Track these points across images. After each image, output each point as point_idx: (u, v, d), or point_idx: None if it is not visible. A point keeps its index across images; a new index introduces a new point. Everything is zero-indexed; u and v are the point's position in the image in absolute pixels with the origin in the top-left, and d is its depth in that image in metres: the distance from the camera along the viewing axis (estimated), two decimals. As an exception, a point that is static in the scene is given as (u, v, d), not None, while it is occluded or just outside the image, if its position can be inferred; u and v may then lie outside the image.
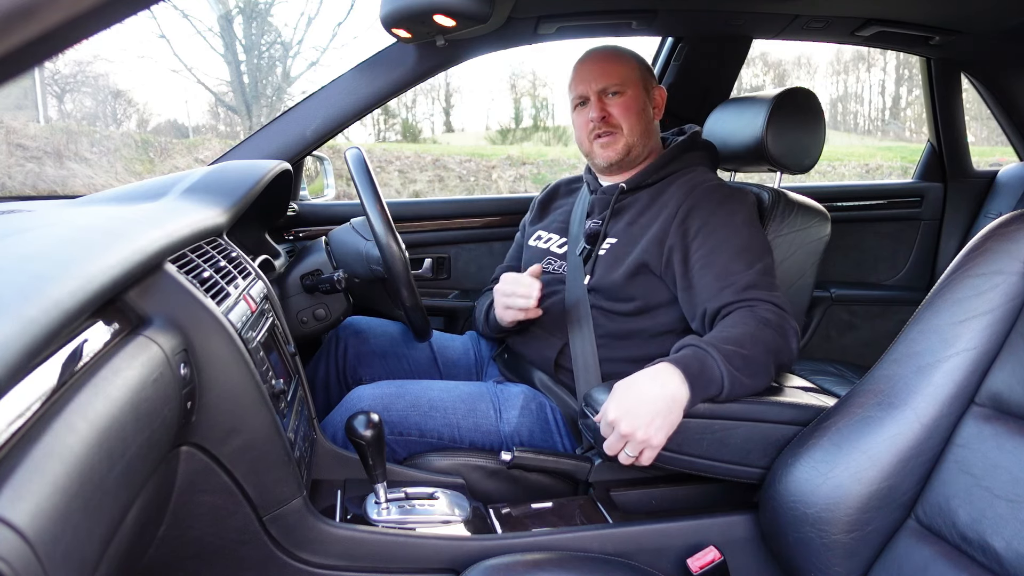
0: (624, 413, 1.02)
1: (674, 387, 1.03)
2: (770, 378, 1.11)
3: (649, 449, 1.03)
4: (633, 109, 1.37)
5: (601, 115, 1.37)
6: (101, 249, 0.66)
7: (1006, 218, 0.92)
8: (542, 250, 1.49)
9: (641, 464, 1.06)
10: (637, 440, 1.02)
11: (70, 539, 0.49)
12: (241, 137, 4.34)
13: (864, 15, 1.75)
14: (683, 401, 1.03)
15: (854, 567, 0.89)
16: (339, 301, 1.43)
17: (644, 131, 1.39)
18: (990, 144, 10.68)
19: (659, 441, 1.02)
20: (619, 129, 1.37)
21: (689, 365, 1.05)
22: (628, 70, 1.38)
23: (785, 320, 1.15)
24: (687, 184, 1.34)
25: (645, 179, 1.39)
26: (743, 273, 1.19)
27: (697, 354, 1.07)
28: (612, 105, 1.37)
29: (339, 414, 1.29)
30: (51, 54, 0.30)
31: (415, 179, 10.15)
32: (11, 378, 0.45)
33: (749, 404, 1.07)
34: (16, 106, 10.22)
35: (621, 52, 1.42)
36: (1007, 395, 0.83)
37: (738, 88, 2.12)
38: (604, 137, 1.38)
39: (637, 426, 1.01)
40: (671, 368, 1.05)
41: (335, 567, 1.00)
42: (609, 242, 1.36)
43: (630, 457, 1.04)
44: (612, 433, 1.04)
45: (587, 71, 1.39)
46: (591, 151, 1.41)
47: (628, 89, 1.37)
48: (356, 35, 14.14)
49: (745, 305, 1.16)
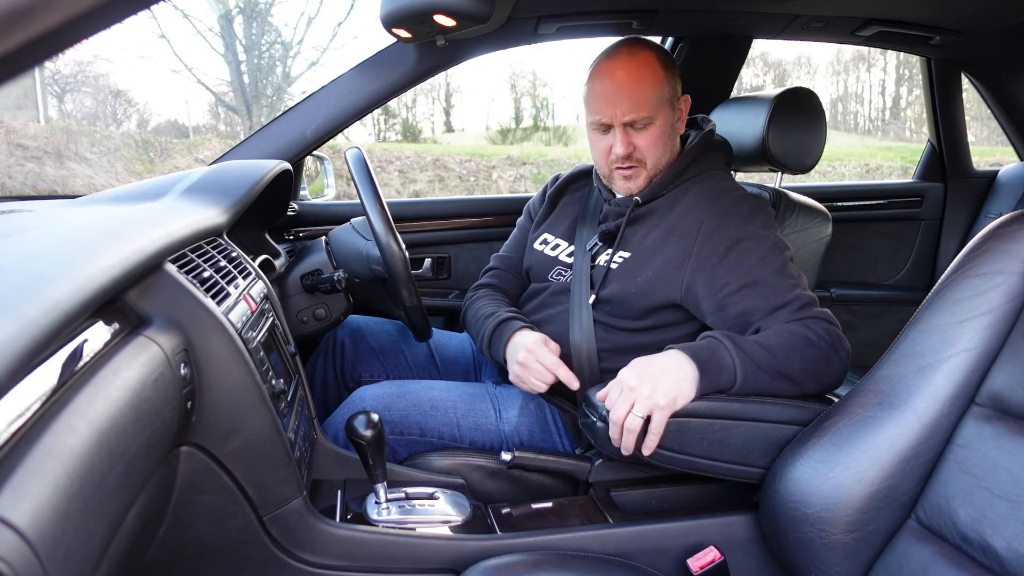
0: (635, 374, 1.05)
1: (686, 367, 1.05)
2: (804, 391, 1.09)
3: (658, 411, 1.02)
4: (660, 140, 1.26)
5: (627, 151, 1.25)
6: (101, 249, 0.66)
7: (1006, 218, 0.92)
8: (549, 258, 1.42)
9: (644, 452, 1.05)
10: (643, 395, 1.02)
11: (70, 539, 0.49)
12: (241, 137, 4.34)
13: (864, 15, 1.75)
14: (693, 379, 1.04)
15: (854, 567, 0.89)
16: (339, 301, 1.43)
17: (666, 154, 1.29)
18: (990, 144, 10.69)
19: (664, 401, 1.02)
20: (643, 164, 1.27)
21: (699, 352, 1.06)
22: (657, 91, 1.24)
23: (838, 340, 1.10)
24: (705, 195, 1.26)
25: (660, 190, 1.30)
26: (792, 291, 1.14)
27: (710, 344, 1.08)
28: (638, 137, 1.25)
29: (341, 414, 1.29)
30: (51, 54, 0.30)
31: (415, 179, 10.16)
32: (11, 378, 0.45)
33: (749, 404, 1.07)
34: (16, 106, 10.22)
35: (652, 68, 1.24)
36: (1007, 395, 0.83)
37: (738, 88, 2.12)
38: (627, 170, 1.28)
39: (644, 380, 1.03)
40: (681, 353, 1.07)
41: (335, 567, 1.00)
42: (622, 255, 1.29)
43: (638, 420, 1.02)
44: (622, 395, 1.04)
45: (615, 95, 1.23)
46: (610, 178, 1.32)
47: (658, 118, 1.25)
48: (356, 35, 14.17)
49: (799, 321, 1.12)
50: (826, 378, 1.10)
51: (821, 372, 1.09)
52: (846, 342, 1.12)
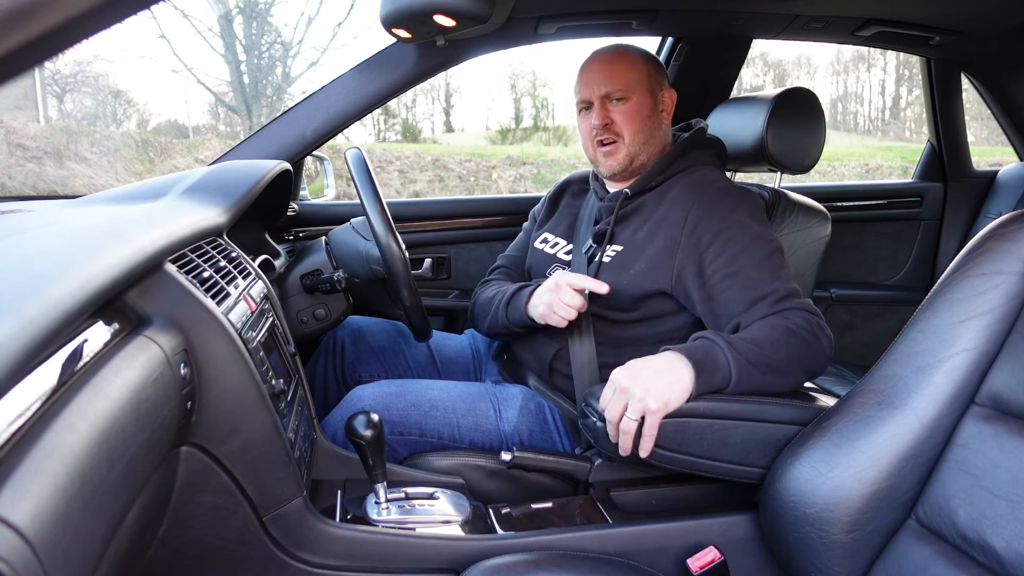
0: (627, 375, 1.05)
1: (681, 369, 1.05)
2: (795, 381, 1.11)
3: (650, 415, 1.02)
4: (636, 116, 1.32)
5: (603, 122, 1.32)
6: (101, 249, 0.66)
7: (1006, 218, 0.92)
8: (548, 255, 1.46)
9: (641, 455, 1.05)
10: (636, 397, 1.02)
11: (70, 539, 0.49)
12: (241, 137, 4.34)
13: (864, 15, 1.75)
14: (687, 382, 1.05)
15: (854, 567, 0.89)
16: (339, 301, 1.43)
17: (647, 139, 1.34)
18: (990, 144, 10.68)
19: (655, 405, 1.02)
20: (620, 138, 1.33)
21: (694, 352, 1.07)
22: (634, 73, 1.33)
23: (819, 328, 1.13)
24: (692, 186, 1.30)
25: (648, 182, 1.34)
26: (771, 283, 1.16)
27: (704, 344, 1.09)
28: (615, 111, 1.32)
29: (340, 413, 1.29)
30: (51, 54, 0.30)
31: (415, 179, 10.16)
32: (11, 378, 0.45)
33: (749, 404, 1.07)
34: (16, 106, 10.22)
35: (629, 53, 1.36)
36: (1007, 395, 0.83)
37: (738, 88, 2.12)
38: (606, 145, 1.34)
39: (637, 382, 1.03)
40: (676, 354, 1.07)
41: (335, 567, 1.00)
42: (615, 249, 1.32)
43: (632, 423, 1.03)
44: (615, 396, 1.05)
45: (592, 74, 1.34)
46: (595, 158, 1.38)
47: (633, 95, 1.32)
48: (356, 35, 14.16)
49: (777, 313, 1.14)
50: (812, 365, 1.12)
51: (806, 359, 1.11)
52: (827, 329, 1.14)
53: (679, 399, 1.04)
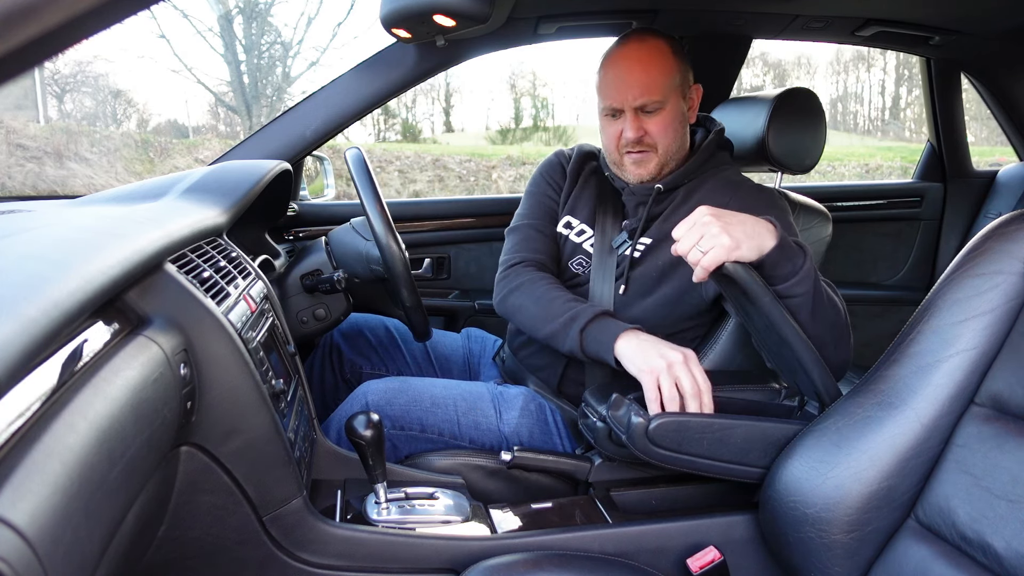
0: (713, 211, 1.01)
1: (766, 234, 1.02)
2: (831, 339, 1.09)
3: (720, 249, 0.97)
4: (671, 125, 1.27)
5: (638, 135, 1.26)
6: (101, 249, 0.66)
7: (1006, 218, 0.92)
8: (574, 244, 1.39)
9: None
10: (712, 233, 0.98)
11: (70, 539, 0.49)
12: (241, 137, 4.34)
13: (864, 15, 1.75)
14: (765, 244, 1.01)
15: (854, 567, 0.89)
16: (339, 301, 1.43)
17: (680, 145, 1.31)
18: (990, 144, 10.69)
19: (729, 242, 0.97)
20: (654, 149, 1.28)
21: (783, 235, 1.04)
22: (669, 78, 1.25)
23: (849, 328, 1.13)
24: (725, 185, 1.29)
25: (681, 180, 1.31)
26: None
27: (792, 241, 1.06)
28: (649, 122, 1.26)
29: (345, 409, 1.29)
30: (51, 54, 0.30)
31: (415, 179, 10.16)
32: (11, 378, 0.45)
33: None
34: (16, 106, 10.23)
35: (662, 52, 1.26)
36: (1007, 395, 0.83)
37: (738, 88, 2.12)
38: (637, 155, 1.29)
39: (719, 218, 0.99)
40: (768, 222, 1.04)
41: (335, 567, 1.00)
42: (643, 242, 1.30)
43: (700, 254, 0.99)
44: (692, 228, 1.00)
45: (625, 80, 1.25)
46: (620, 164, 1.32)
47: (668, 103, 1.26)
48: (356, 35, 14.17)
49: None
50: (842, 351, 1.11)
51: (842, 338, 1.10)
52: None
53: (751, 251, 1.00)
